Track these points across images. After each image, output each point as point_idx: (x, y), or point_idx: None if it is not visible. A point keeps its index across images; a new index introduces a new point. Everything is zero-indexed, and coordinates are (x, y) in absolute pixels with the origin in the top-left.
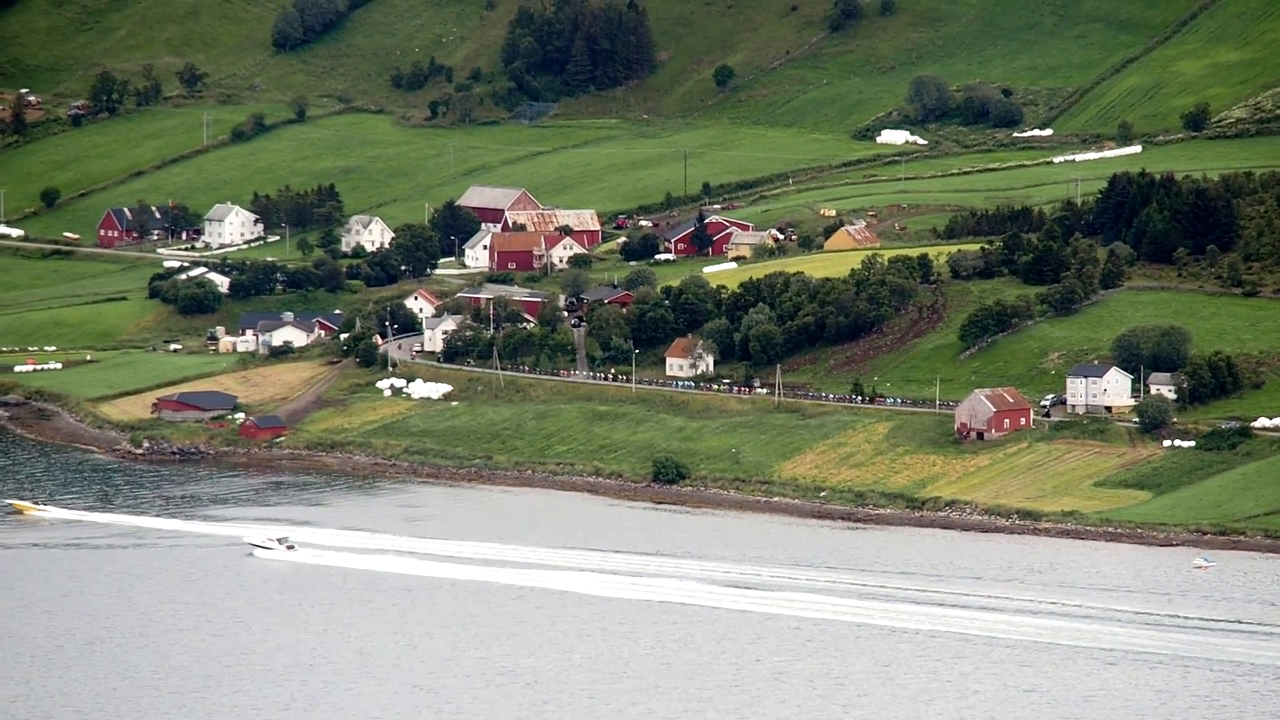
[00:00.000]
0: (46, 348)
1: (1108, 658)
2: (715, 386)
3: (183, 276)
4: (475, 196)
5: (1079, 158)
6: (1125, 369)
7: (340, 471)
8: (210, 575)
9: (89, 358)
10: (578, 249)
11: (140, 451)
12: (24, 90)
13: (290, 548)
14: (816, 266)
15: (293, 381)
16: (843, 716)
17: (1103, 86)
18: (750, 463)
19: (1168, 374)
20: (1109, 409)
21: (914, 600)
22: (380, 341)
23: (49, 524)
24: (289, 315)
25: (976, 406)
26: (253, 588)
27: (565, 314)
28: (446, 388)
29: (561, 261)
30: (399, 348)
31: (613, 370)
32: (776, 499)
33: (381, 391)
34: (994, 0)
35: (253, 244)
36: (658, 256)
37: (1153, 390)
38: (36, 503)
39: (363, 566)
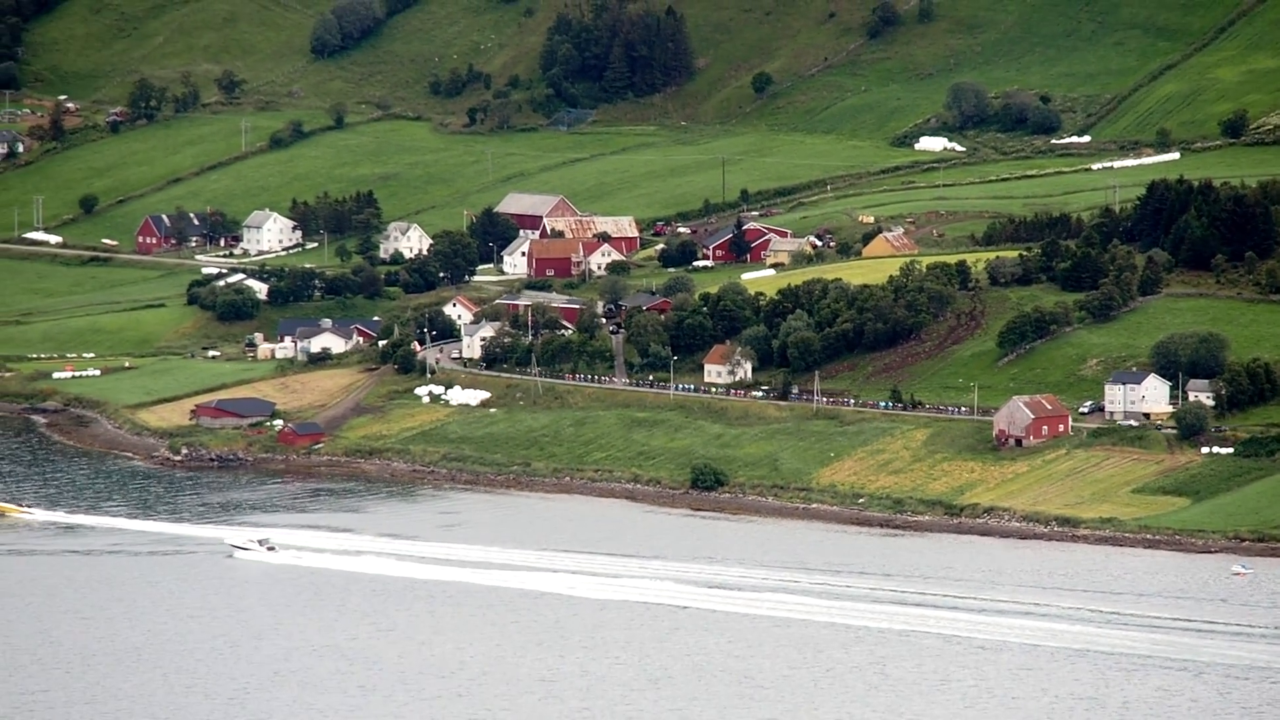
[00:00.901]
0: (85, 354)
1: (1145, 664)
2: (754, 394)
3: (221, 283)
4: (513, 203)
5: (1117, 164)
6: (1163, 376)
7: (379, 478)
8: (227, 580)
9: (127, 364)
10: (616, 256)
11: (179, 458)
12: (62, 97)
13: (271, 549)
14: (855, 273)
15: (331, 388)
16: None
17: (1141, 93)
18: (789, 469)
19: (1206, 381)
20: (1147, 416)
21: (957, 607)
22: (418, 348)
23: (35, 527)
24: (327, 322)
25: (1015, 413)
26: (280, 593)
27: (603, 320)
28: (485, 394)
29: (600, 268)
30: (437, 355)
31: (651, 377)
32: (815, 506)
33: (420, 398)
34: (1032, 7)
35: (291, 251)
36: (696, 263)
37: (1191, 397)
38: (20, 505)
39: (344, 568)
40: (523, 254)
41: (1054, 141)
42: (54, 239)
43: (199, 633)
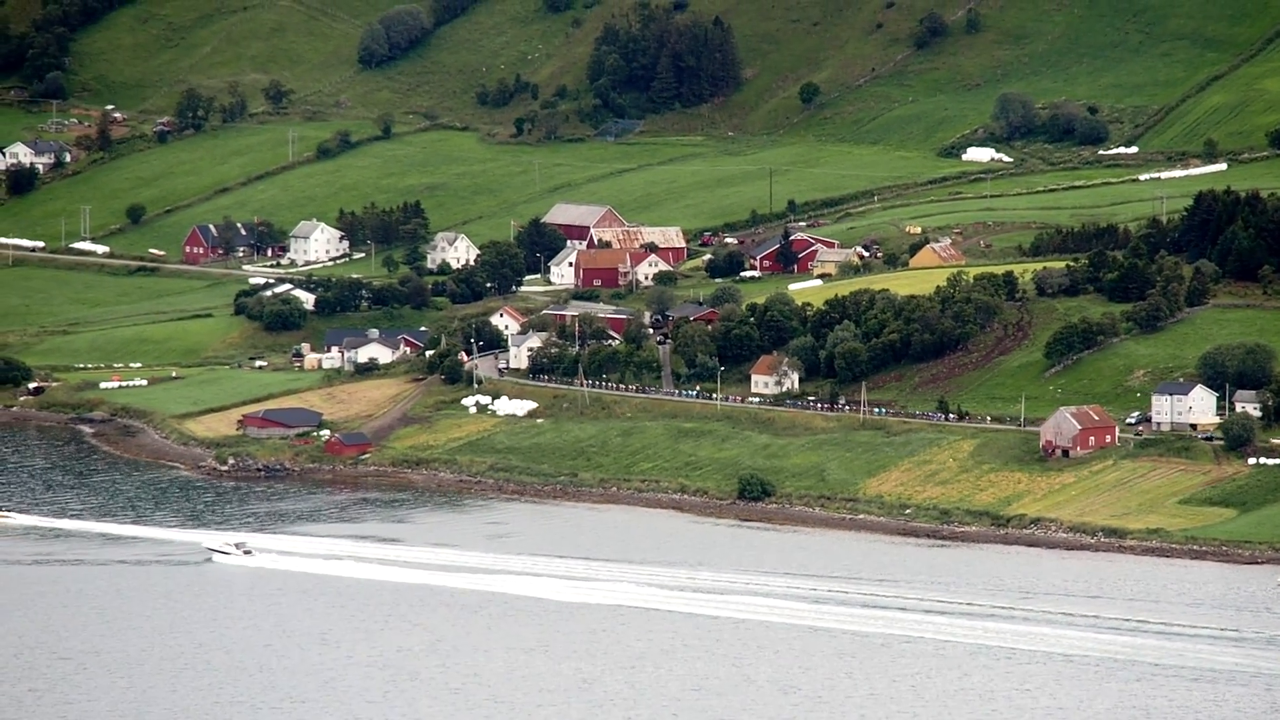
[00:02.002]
0: (132, 364)
1: (1191, 674)
2: (801, 404)
3: (268, 293)
4: (560, 214)
5: (1164, 175)
6: (1210, 386)
7: (425, 488)
8: (241, 591)
9: (174, 374)
10: (663, 266)
11: (225, 468)
12: (110, 107)
13: (248, 553)
14: (902, 284)
15: (378, 398)
16: None
17: (1188, 104)
18: (835, 480)
19: (1253, 391)
20: (1194, 426)
21: (1003, 618)
22: (465, 358)
23: (13, 532)
24: (374, 332)
25: (1062, 424)
26: (323, 604)
27: (650, 331)
28: (532, 405)
29: (647, 278)
30: (485, 365)
31: (698, 387)
32: (862, 516)
33: (467, 408)
34: (1080, 18)
35: (338, 261)
36: (743, 274)
37: (1238, 408)
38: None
39: (322, 572)
40: (570, 264)
41: (1101, 152)
42: (101, 249)
43: (255, 642)
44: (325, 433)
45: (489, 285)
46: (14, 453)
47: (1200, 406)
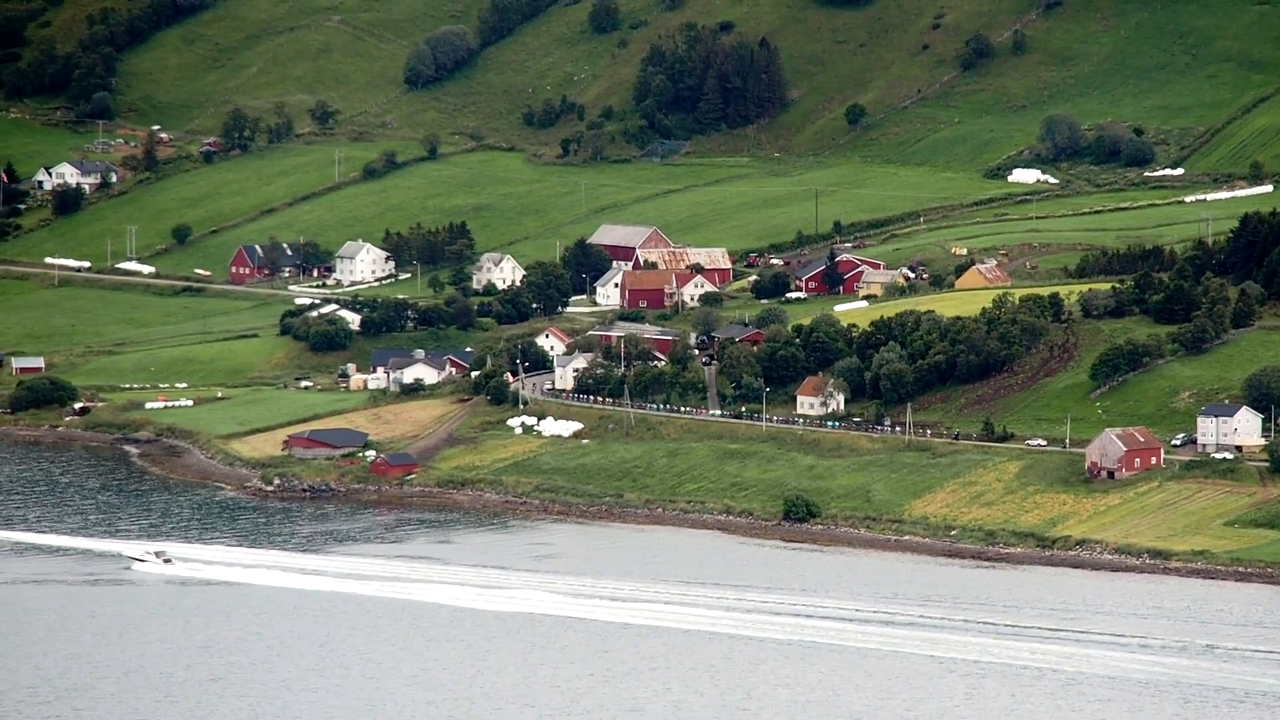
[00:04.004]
0: (178, 384)
1: (1238, 696)
2: (847, 425)
3: (314, 314)
4: (606, 234)
5: (1210, 197)
6: (1256, 408)
7: (471, 509)
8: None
9: (220, 395)
10: (709, 287)
11: (271, 489)
12: (156, 127)
13: (167, 561)
14: (947, 305)
15: (424, 419)
16: None
17: (1234, 126)
18: (881, 501)
19: None
20: (1239, 448)
21: (1051, 639)
22: (511, 379)
23: None
24: (420, 353)
25: (1107, 445)
26: (345, 624)
27: (696, 352)
28: (577, 425)
29: (692, 300)
30: (530, 386)
31: (743, 408)
32: (907, 538)
33: (512, 429)
34: (1126, 40)
35: (384, 281)
36: (789, 295)
37: None
38: None
39: (241, 580)
40: (615, 285)
41: (1147, 174)
42: (147, 269)
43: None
44: (371, 453)
45: (535, 306)
46: (63, 472)
47: (1245, 428)
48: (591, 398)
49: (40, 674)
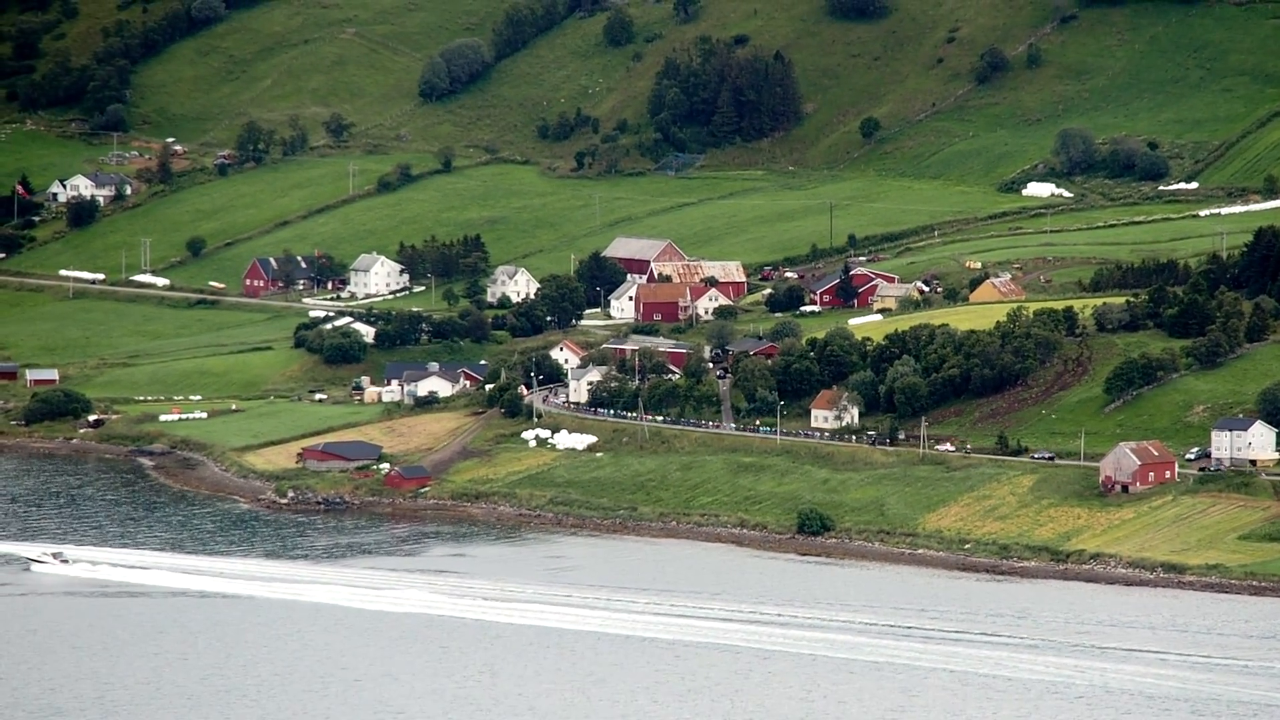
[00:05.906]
0: (192, 397)
1: (1252, 710)
2: (861, 439)
3: (328, 326)
4: (621, 247)
5: (1224, 211)
6: (1270, 423)
7: (485, 522)
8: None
9: (234, 407)
10: (723, 300)
11: (285, 501)
12: (170, 140)
13: (64, 562)
14: (962, 319)
15: (438, 432)
16: None
17: (1249, 140)
18: (895, 515)
19: None
20: (1254, 462)
21: (1065, 652)
22: (525, 392)
23: None
24: (434, 365)
25: (1121, 459)
26: (375, 639)
27: (710, 365)
28: (591, 438)
29: (707, 313)
30: (544, 398)
31: (758, 422)
32: (921, 551)
33: (526, 442)
34: (1140, 54)
35: (398, 294)
36: (803, 308)
37: None
38: None
39: (135, 581)
40: (630, 298)
41: (1161, 188)
42: (161, 281)
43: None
44: (385, 466)
45: (549, 319)
46: (82, 485)
47: (1260, 442)
48: (606, 411)
49: None
